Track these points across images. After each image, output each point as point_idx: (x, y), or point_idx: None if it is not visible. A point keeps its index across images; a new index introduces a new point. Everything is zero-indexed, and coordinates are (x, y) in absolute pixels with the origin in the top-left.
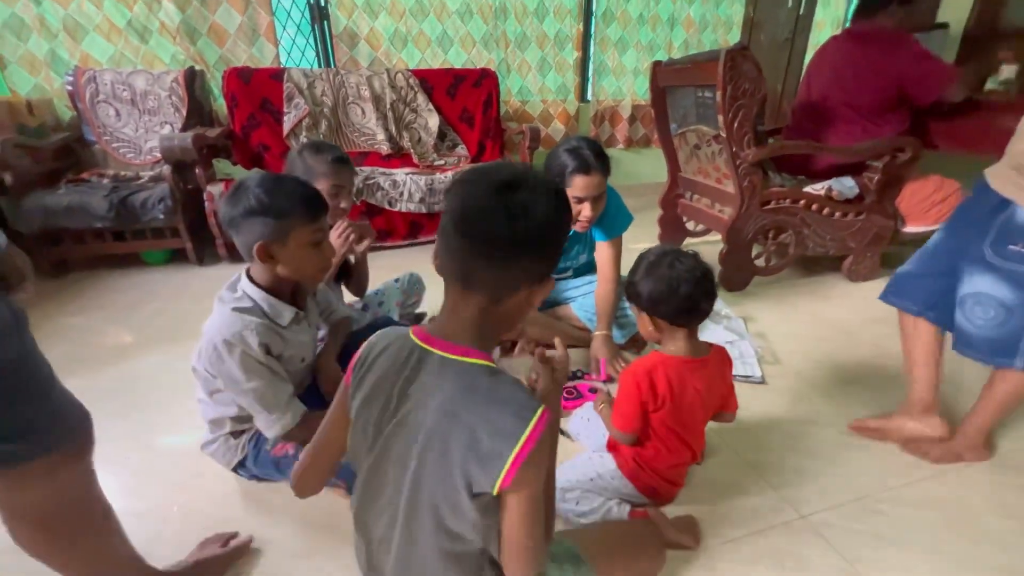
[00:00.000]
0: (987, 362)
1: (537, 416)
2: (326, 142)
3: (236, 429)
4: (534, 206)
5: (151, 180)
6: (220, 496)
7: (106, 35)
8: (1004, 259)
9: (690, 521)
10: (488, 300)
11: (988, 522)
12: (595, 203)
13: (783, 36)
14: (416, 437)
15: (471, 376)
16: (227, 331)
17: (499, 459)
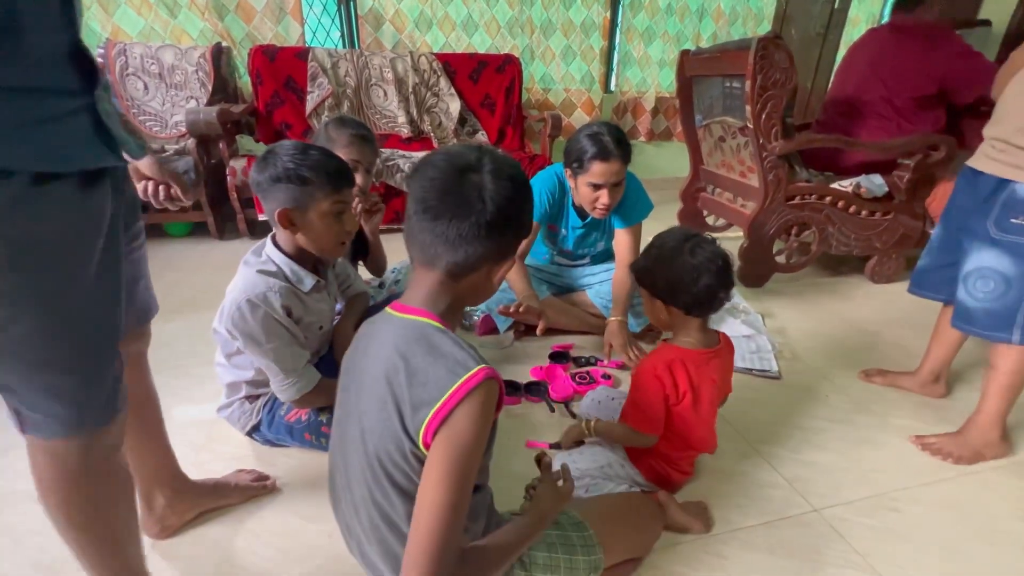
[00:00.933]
0: (986, 336)
1: (469, 374)
2: (353, 118)
3: (252, 394)
4: (491, 190)
5: (176, 153)
6: (235, 459)
7: (137, 9)
8: (1006, 232)
9: (701, 507)
10: (447, 276)
11: (1008, 525)
12: (614, 190)
13: (815, 30)
14: (364, 385)
15: (418, 329)
16: (251, 291)
17: (426, 408)
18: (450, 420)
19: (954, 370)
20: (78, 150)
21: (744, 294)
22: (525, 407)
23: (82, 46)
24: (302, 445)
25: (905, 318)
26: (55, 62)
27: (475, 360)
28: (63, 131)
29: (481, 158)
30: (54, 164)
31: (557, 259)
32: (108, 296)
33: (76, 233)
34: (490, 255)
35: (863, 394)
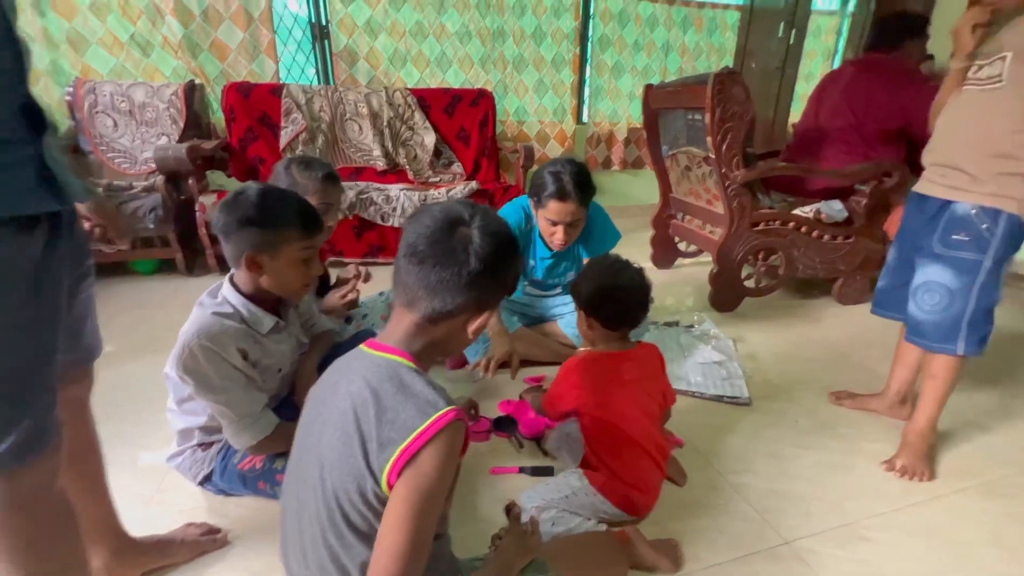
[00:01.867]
0: (934, 348)
1: (438, 414)
2: (316, 158)
3: (204, 441)
4: (477, 244)
5: (144, 190)
6: (185, 512)
7: (108, 48)
8: (948, 248)
9: (671, 544)
10: (424, 320)
11: (980, 551)
12: (569, 228)
13: (774, 65)
14: (330, 420)
15: (391, 368)
16: (204, 334)
17: (392, 446)
18: (416, 460)
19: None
20: (20, 197)
21: (716, 319)
22: (493, 441)
23: (31, 98)
24: (256, 494)
25: (872, 338)
26: (6, 117)
27: (445, 401)
28: (7, 179)
29: (474, 214)
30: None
31: (528, 289)
32: (39, 332)
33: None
34: (468, 306)
35: (833, 417)
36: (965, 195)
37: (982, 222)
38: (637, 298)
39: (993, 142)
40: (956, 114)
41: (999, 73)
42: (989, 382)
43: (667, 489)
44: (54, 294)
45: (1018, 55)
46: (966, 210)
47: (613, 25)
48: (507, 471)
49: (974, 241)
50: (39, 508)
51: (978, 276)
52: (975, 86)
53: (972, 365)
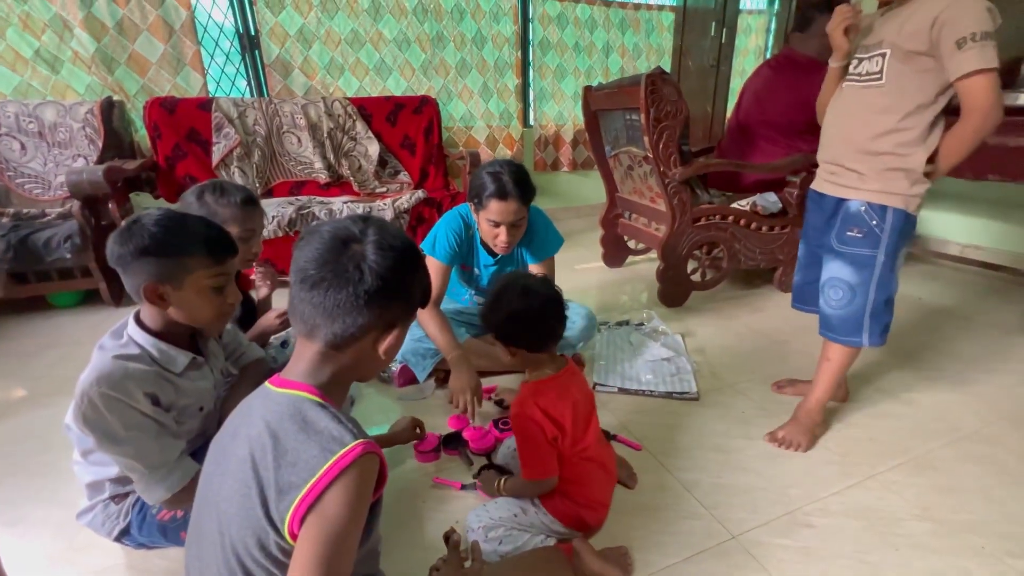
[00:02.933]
0: (843, 342)
1: (343, 451)
2: (229, 183)
3: (117, 493)
4: (369, 262)
5: (58, 217)
6: (102, 570)
7: (10, 65)
8: (845, 244)
9: (620, 552)
10: (327, 347)
11: (909, 527)
12: (513, 229)
13: (709, 63)
14: (228, 470)
15: (293, 405)
16: (105, 381)
17: (294, 491)
18: (320, 503)
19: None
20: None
21: (664, 314)
22: (442, 460)
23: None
24: (179, 545)
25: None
26: None
27: (352, 435)
28: None
29: (366, 229)
30: None
31: (476, 298)
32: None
33: None
34: (372, 326)
35: (777, 407)
36: (855, 192)
37: (872, 218)
38: (554, 313)
39: (875, 140)
40: (840, 112)
41: (879, 70)
42: (912, 358)
43: (618, 493)
44: None
45: (895, 52)
46: (857, 207)
47: (552, 28)
48: (450, 484)
49: (867, 237)
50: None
51: (874, 270)
52: (856, 82)
53: (896, 343)
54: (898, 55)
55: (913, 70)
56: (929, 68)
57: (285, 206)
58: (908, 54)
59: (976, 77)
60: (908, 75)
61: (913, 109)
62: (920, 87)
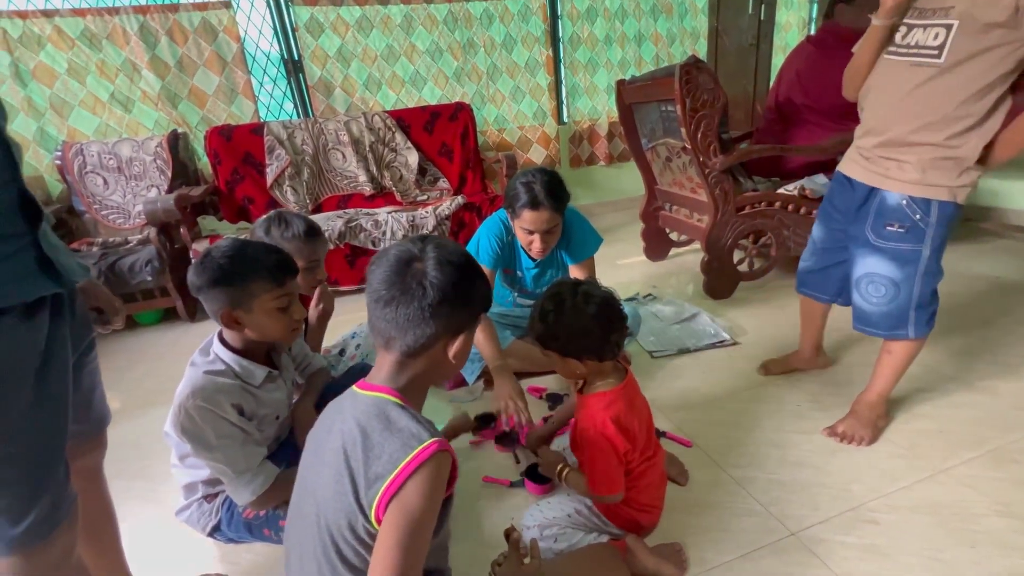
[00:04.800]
0: (886, 336)
1: (421, 447)
2: (292, 214)
3: (209, 493)
4: (430, 278)
5: (139, 244)
6: (198, 563)
7: (91, 109)
8: (884, 239)
9: (675, 549)
10: (403, 356)
11: (987, 522)
12: (547, 236)
13: (748, 42)
14: (324, 460)
15: (378, 406)
16: (199, 394)
17: (379, 481)
18: (401, 492)
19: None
20: (21, 285)
21: (711, 307)
22: (494, 456)
23: (27, 193)
24: (263, 540)
25: None
26: (5, 211)
27: (429, 433)
28: (8, 269)
29: (424, 248)
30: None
31: (519, 300)
32: (51, 412)
33: (17, 358)
34: (440, 334)
35: (833, 401)
36: (893, 184)
37: (915, 212)
38: (618, 320)
39: (923, 131)
40: (881, 91)
41: (938, 45)
42: (988, 343)
43: (670, 490)
44: (62, 373)
45: (965, 24)
46: (896, 201)
47: (582, 23)
48: (499, 482)
49: (910, 232)
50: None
51: (919, 265)
52: (904, 56)
53: (968, 326)
54: (969, 28)
55: (983, 47)
56: (1001, 43)
57: (334, 219)
58: (984, 27)
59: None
60: (976, 53)
61: (975, 93)
62: (988, 67)
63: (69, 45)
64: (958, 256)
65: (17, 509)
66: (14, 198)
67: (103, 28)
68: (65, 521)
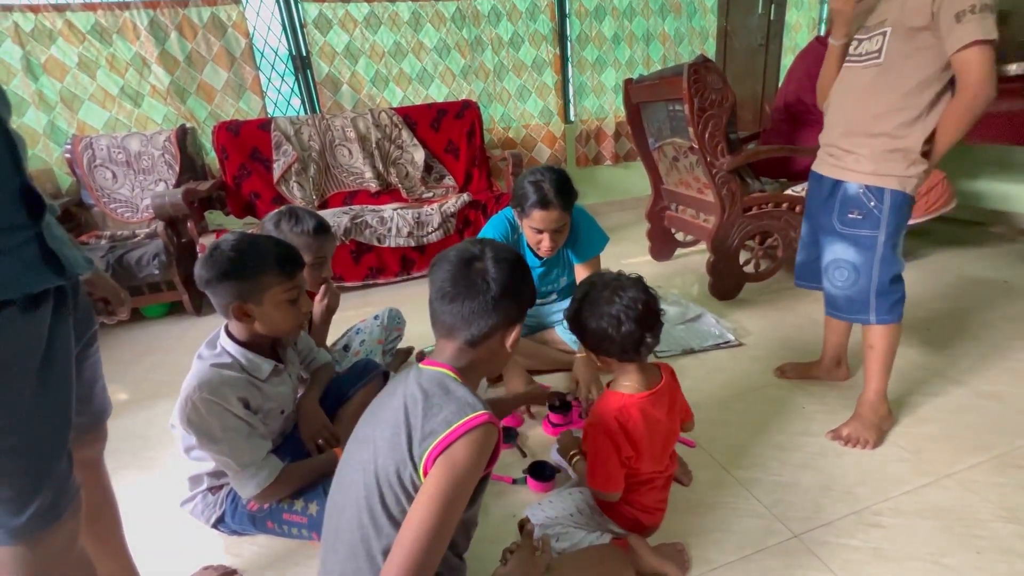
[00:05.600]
0: (849, 319)
1: (475, 414)
2: (303, 210)
3: (214, 485)
4: (491, 275)
5: (146, 237)
6: (202, 554)
7: (101, 103)
8: (847, 226)
9: (677, 549)
10: (465, 343)
11: (992, 527)
12: (555, 235)
13: (757, 42)
14: (383, 417)
15: (439, 377)
16: (206, 387)
17: (432, 436)
18: (450, 450)
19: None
20: (24, 277)
21: (717, 308)
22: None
23: (29, 186)
24: (266, 533)
25: None
26: (6, 204)
27: (483, 406)
28: (10, 262)
29: (484, 249)
30: (3, 293)
31: None
32: (54, 403)
33: (19, 350)
34: (500, 324)
35: (839, 403)
36: (852, 175)
37: (870, 200)
38: (645, 323)
39: (874, 121)
40: (839, 93)
41: (878, 49)
42: (996, 348)
43: (673, 490)
44: (65, 365)
45: (896, 30)
46: (855, 190)
47: (590, 21)
48: (502, 479)
49: (867, 219)
50: (60, 570)
51: (876, 250)
52: (856, 63)
53: (975, 331)
54: (899, 32)
55: (913, 47)
56: (930, 45)
57: (340, 216)
58: (910, 31)
59: (973, 48)
60: (908, 52)
61: (913, 87)
62: (920, 64)
63: (80, 39)
64: (966, 260)
65: (20, 499)
66: (15, 191)
67: (113, 22)
68: (68, 511)
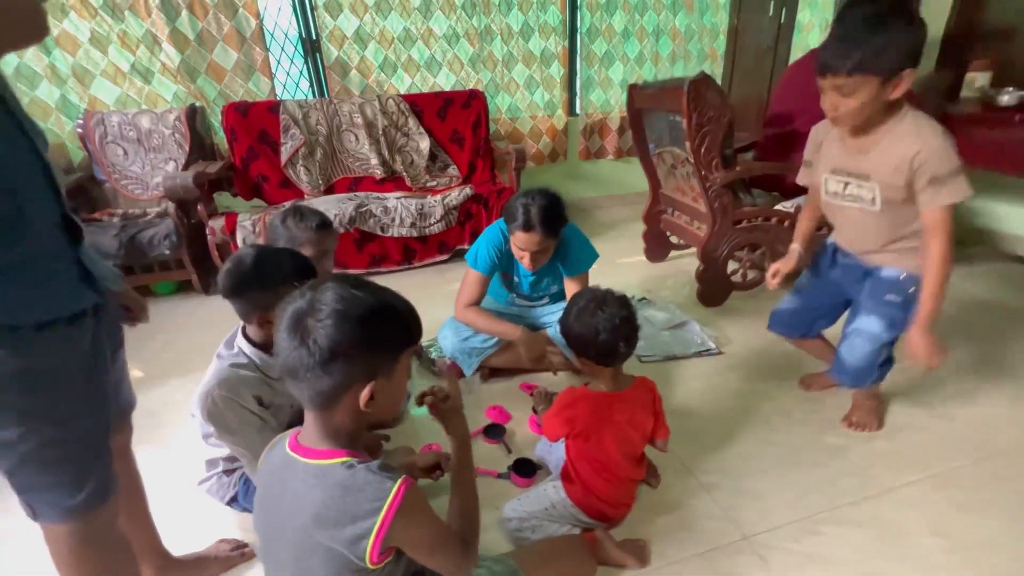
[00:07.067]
0: (852, 386)
1: (391, 496)
2: (308, 208)
3: (228, 468)
4: (319, 337)
5: (157, 216)
6: (216, 529)
7: (112, 78)
8: (883, 305)
9: (639, 544)
10: (318, 410)
11: (918, 540)
12: (538, 255)
13: (766, 44)
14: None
15: (331, 474)
16: (224, 385)
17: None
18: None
19: None
20: (67, 298)
21: (703, 315)
22: (485, 448)
23: (69, 214)
24: None
25: None
26: (50, 232)
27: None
28: (57, 285)
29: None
30: (50, 313)
31: (517, 301)
32: (96, 403)
33: (69, 361)
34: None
35: (804, 414)
36: (889, 263)
37: (910, 286)
38: (620, 333)
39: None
40: (844, 223)
41: (871, 199)
42: (959, 372)
43: (641, 491)
44: (103, 369)
45: (883, 187)
46: (895, 275)
47: (601, 14)
48: (488, 472)
49: (905, 301)
50: (106, 544)
51: (903, 329)
52: (851, 203)
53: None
54: (887, 189)
55: (903, 197)
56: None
57: (345, 202)
58: (895, 188)
59: (948, 208)
60: (904, 198)
61: (914, 217)
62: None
63: (92, 14)
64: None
65: (74, 485)
66: (59, 220)
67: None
68: (111, 495)
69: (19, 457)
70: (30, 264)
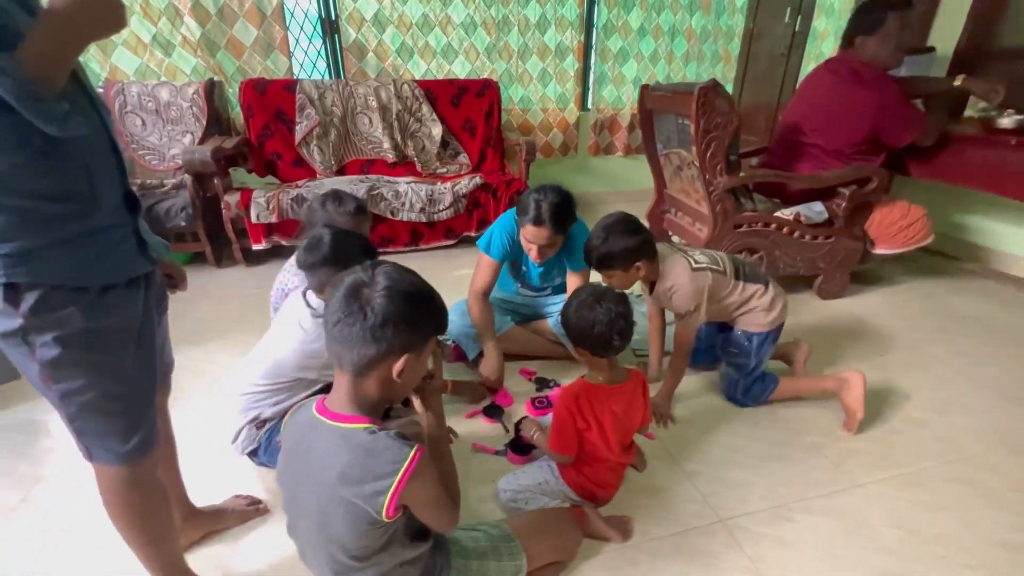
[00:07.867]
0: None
1: (406, 464)
2: (346, 193)
3: (259, 421)
4: (376, 305)
5: (173, 188)
6: (231, 485)
7: (133, 49)
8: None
9: (623, 520)
10: (352, 373)
11: (881, 531)
12: (546, 248)
13: (780, 51)
14: (321, 492)
15: (350, 438)
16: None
17: (381, 495)
18: (406, 488)
19: None
20: (127, 265)
21: None
22: (484, 426)
23: (130, 190)
24: None
25: (846, 332)
26: (116, 206)
27: (409, 446)
28: (119, 253)
29: (375, 277)
30: (113, 278)
31: (522, 291)
32: (147, 361)
33: (126, 321)
34: (383, 353)
35: (786, 412)
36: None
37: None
38: (615, 327)
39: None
40: None
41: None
42: (939, 379)
43: (628, 474)
44: (152, 331)
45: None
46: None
47: (618, 11)
48: (486, 449)
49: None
50: (149, 488)
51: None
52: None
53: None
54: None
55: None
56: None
57: (357, 184)
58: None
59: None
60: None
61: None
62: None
63: None
64: (936, 290)
65: (127, 433)
66: (122, 195)
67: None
68: (155, 445)
69: (81, 405)
70: (99, 234)
